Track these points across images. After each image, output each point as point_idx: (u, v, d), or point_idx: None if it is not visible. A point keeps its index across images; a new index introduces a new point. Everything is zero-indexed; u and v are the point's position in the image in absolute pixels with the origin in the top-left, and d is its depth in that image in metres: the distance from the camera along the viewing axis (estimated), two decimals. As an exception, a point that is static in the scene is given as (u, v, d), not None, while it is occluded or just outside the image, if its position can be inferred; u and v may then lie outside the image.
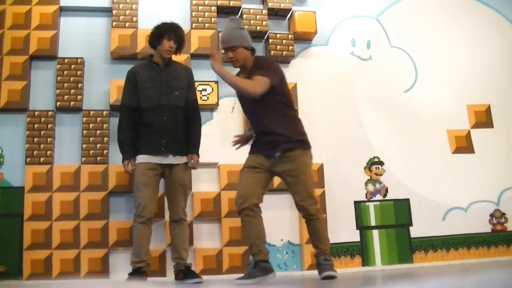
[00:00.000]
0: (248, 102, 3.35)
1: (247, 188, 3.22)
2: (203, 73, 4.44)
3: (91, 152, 4.14)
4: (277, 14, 4.80)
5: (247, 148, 4.43)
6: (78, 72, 4.26)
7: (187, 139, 3.66)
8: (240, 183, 3.28)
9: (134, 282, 3.29)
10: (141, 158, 3.54)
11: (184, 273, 3.50)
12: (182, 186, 3.62)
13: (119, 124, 3.65)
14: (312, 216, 3.23)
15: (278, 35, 4.66)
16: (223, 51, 3.34)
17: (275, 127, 3.23)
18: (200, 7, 4.58)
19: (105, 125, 4.20)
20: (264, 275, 3.09)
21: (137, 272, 3.44)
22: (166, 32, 3.60)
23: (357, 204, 4.56)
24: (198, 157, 3.68)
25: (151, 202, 3.53)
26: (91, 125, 4.18)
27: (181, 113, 3.64)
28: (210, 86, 4.42)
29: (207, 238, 4.22)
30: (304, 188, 3.22)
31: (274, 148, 3.20)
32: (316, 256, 3.29)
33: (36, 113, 4.15)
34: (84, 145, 4.15)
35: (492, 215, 4.77)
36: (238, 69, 3.42)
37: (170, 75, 3.66)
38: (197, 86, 4.37)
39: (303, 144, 3.28)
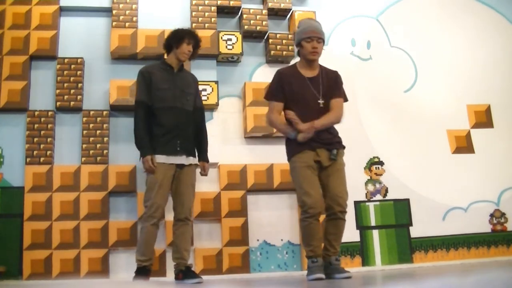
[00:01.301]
0: (317, 106, 3.35)
1: (318, 193, 3.26)
2: (203, 73, 4.44)
3: (91, 152, 4.14)
4: (277, 14, 4.81)
5: (246, 148, 4.47)
6: (78, 72, 4.26)
7: (195, 143, 3.72)
8: (308, 184, 3.23)
9: (137, 282, 3.30)
10: (157, 158, 3.52)
11: (184, 273, 3.50)
12: (193, 186, 3.64)
13: (136, 120, 3.58)
14: (342, 213, 3.27)
15: (278, 35, 4.66)
16: (309, 38, 3.36)
17: (333, 126, 3.44)
18: (200, 7, 4.58)
19: (105, 125, 4.20)
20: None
21: (143, 271, 3.45)
22: (187, 36, 3.64)
23: (357, 204, 4.56)
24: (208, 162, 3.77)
25: (164, 203, 3.55)
26: (91, 125, 4.18)
27: (191, 117, 3.69)
28: (210, 86, 4.42)
29: (207, 238, 4.22)
30: (344, 183, 3.34)
31: (333, 143, 3.35)
32: (327, 255, 3.27)
33: (36, 113, 4.15)
34: (84, 145, 4.15)
35: (492, 215, 4.77)
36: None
37: (183, 80, 3.71)
38: (197, 86, 4.38)
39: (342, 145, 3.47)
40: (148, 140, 3.52)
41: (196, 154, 3.74)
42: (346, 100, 3.53)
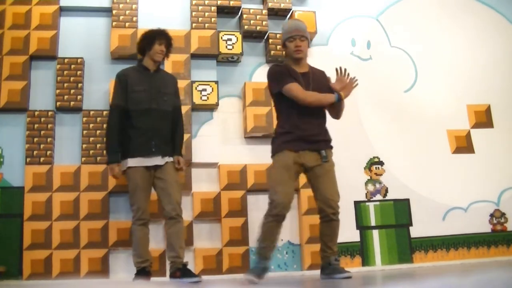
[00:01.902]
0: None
1: (289, 194, 3.25)
2: (203, 73, 4.44)
3: (91, 152, 4.14)
4: (277, 14, 4.80)
5: (246, 148, 4.46)
6: (78, 72, 4.26)
7: (173, 142, 3.72)
8: (281, 186, 3.23)
9: (137, 282, 3.30)
10: (133, 162, 3.53)
11: (182, 271, 3.49)
12: (177, 182, 3.64)
13: (109, 123, 3.63)
14: (335, 215, 3.26)
15: (278, 35, 4.66)
16: (291, 38, 3.38)
17: (323, 126, 3.45)
18: (200, 7, 4.58)
19: (105, 125, 4.18)
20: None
21: (143, 272, 3.48)
22: (157, 37, 3.68)
23: (357, 204, 4.56)
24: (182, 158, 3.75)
25: (148, 204, 3.60)
26: (91, 125, 4.19)
27: (169, 117, 3.70)
28: (210, 86, 4.42)
29: (207, 238, 4.22)
30: (334, 184, 3.32)
31: (319, 143, 3.33)
32: (325, 256, 3.29)
33: (36, 113, 4.15)
34: (84, 145, 4.15)
35: (492, 215, 4.77)
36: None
37: (159, 80, 3.72)
38: (197, 86, 4.38)
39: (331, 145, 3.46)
40: (118, 146, 3.57)
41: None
42: None
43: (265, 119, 4.42)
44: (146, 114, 3.59)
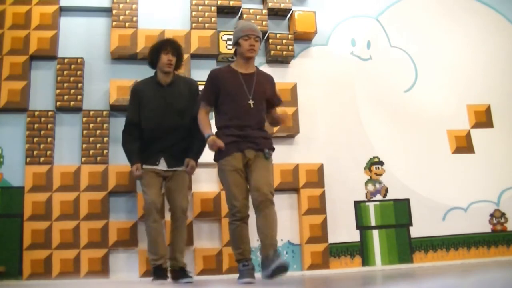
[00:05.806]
0: (258, 98, 3.41)
1: (246, 197, 3.28)
2: (203, 73, 4.43)
3: (91, 152, 4.14)
4: (277, 14, 4.80)
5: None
6: (78, 72, 4.26)
7: (187, 151, 3.66)
8: (237, 188, 3.26)
9: (136, 282, 3.30)
10: (145, 165, 3.61)
11: (177, 272, 3.55)
12: (185, 188, 3.68)
13: (123, 137, 3.69)
14: (267, 201, 3.23)
15: (278, 35, 4.66)
16: (246, 36, 3.40)
17: (263, 126, 3.47)
18: (200, 7, 4.58)
19: (105, 125, 4.20)
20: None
21: (159, 270, 3.47)
22: (162, 47, 3.64)
23: (357, 204, 4.56)
24: (196, 165, 3.69)
25: (160, 200, 3.58)
26: (91, 125, 4.18)
27: (183, 131, 3.66)
28: (210, 86, 4.41)
29: (207, 238, 4.22)
30: (266, 174, 3.33)
31: (265, 144, 3.37)
32: (264, 249, 3.29)
33: (36, 113, 4.15)
34: (84, 145, 4.15)
35: (492, 215, 4.77)
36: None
37: (173, 96, 3.67)
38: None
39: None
40: (136, 152, 3.60)
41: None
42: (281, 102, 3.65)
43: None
44: (156, 131, 3.59)
